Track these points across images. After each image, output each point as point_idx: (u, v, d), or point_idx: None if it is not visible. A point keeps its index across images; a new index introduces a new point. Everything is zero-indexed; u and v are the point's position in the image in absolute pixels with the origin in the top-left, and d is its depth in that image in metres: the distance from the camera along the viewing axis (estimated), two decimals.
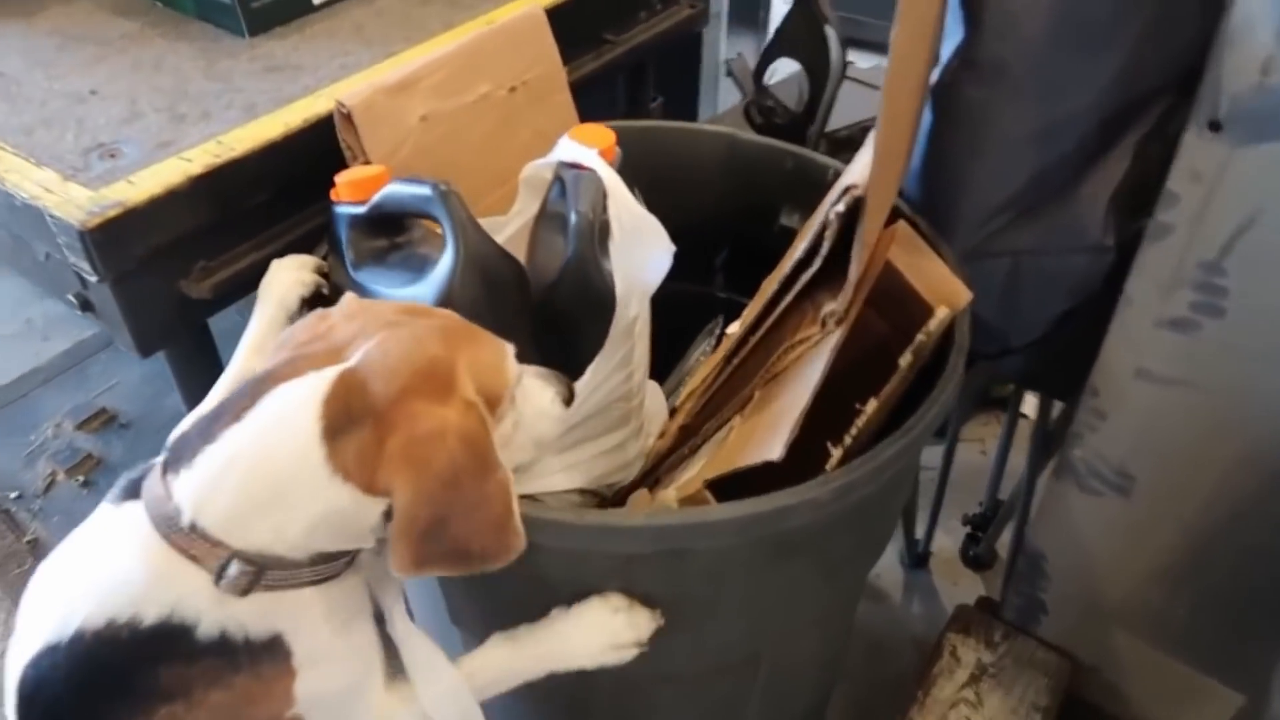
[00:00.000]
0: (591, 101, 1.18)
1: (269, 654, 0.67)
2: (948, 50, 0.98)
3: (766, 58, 1.42)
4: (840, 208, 0.79)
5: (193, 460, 0.64)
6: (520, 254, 0.88)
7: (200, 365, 1.02)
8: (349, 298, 0.74)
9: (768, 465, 0.74)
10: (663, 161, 1.15)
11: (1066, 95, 0.94)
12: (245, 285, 0.95)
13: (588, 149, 0.85)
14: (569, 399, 0.79)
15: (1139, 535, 1.10)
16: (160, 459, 0.68)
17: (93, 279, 0.87)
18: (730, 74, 1.62)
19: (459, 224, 0.80)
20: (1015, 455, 1.50)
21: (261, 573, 0.65)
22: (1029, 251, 1.02)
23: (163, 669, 0.65)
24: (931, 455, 1.43)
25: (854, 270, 0.78)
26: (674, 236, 0.87)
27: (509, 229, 0.94)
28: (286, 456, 0.64)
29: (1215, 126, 0.85)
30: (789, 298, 0.83)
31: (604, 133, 0.88)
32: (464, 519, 0.66)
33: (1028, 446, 1.41)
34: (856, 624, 1.24)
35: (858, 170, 0.82)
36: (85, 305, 0.95)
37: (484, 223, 0.83)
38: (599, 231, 0.83)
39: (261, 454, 0.64)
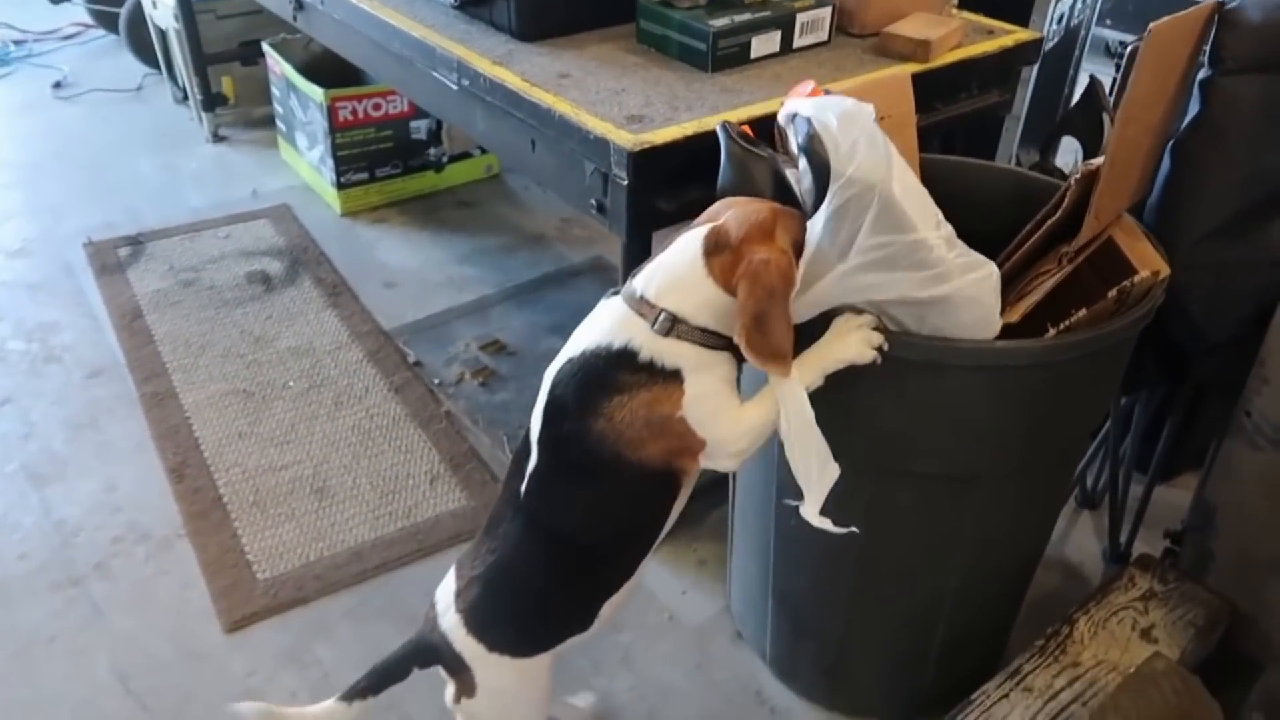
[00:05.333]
0: None
1: (674, 378, 1.12)
2: (1186, 120, 1.44)
3: (1055, 133, 1.90)
4: (1078, 175, 1.27)
5: (647, 263, 1.17)
6: None
7: (639, 252, 1.64)
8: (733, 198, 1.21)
9: (1011, 330, 1.23)
10: (960, 190, 1.65)
11: (1266, 155, 1.37)
12: (691, 212, 1.56)
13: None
14: None
15: None
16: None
17: (624, 183, 1.52)
18: (1019, 162, 2.11)
19: (728, 149, 1.31)
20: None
21: (674, 324, 1.12)
22: (1230, 265, 1.44)
23: (619, 374, 1.12)
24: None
25: (1087, 224, 1.26)
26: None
27: None
28: (687, 261, 1.13)
29: None
30: (1037, 236, 1.32)
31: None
32: (776, 322, 1.08)
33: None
34: (1048, 594, 1.58)
35: (1097, 161, 1.30)
36: (600, 208, 1.61)
37: None
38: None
39: (677, 258, 1.14)
